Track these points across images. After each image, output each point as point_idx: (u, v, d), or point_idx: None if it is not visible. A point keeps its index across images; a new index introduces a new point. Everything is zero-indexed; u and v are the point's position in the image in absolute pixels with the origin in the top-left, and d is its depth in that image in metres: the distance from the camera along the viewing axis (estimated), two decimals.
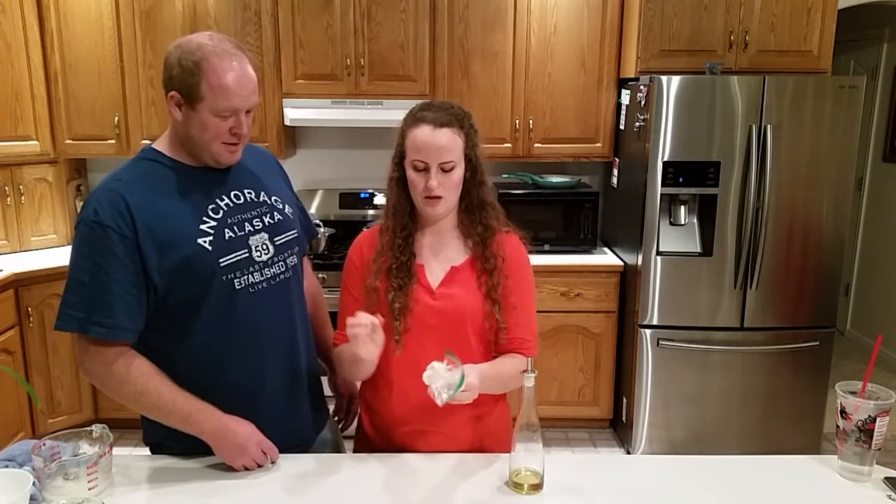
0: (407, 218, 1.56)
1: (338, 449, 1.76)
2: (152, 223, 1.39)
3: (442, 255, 1.58)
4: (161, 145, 1.50)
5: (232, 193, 1.51)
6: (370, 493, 1.41)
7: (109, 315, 1.36)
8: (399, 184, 1.55)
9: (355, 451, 1.72)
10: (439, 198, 1.50)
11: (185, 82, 1.38)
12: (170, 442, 1.52)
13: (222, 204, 1.48)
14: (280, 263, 1.54)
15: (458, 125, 1.50)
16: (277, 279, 1.53)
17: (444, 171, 1.48)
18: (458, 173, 1.51)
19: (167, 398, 1.41)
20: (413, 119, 1.51)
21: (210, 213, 1.46)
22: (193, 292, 1.43)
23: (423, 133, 1.47)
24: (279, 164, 1.73)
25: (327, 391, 1.79)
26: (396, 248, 1.55)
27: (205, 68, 1.37)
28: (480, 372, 1.40)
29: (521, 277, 1.58)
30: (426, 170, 1.48)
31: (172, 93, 1.41)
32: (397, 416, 1.57)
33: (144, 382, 1.40)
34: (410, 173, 1.51)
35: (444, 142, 1.47)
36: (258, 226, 1.51)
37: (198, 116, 1.40)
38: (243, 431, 1.46)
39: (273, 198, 1.58)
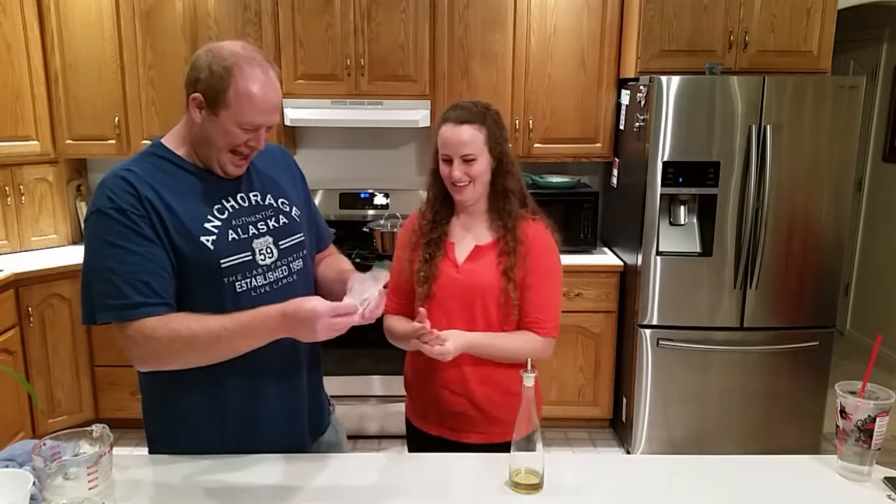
0: (440, 204, 1.80)
1: (340, 449, 1.76)
2: (161, 213, 1.39)
3: (471, 235, 1.79)
4: (171, 142, 1.49)
5: (238, 196, 1.51)
6: (370, 492, 1.41)
7: (149, 294, 1.35)
8: (435, 174, 1.79)
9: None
10: (464, 185, 1.71)
11: (213, 87, 1.38)
12: (170, 434, 1.53)
13: (228, 205, 1.48)
14: (283, 267, 1.53)
15: (478, 121, 1.70)
16: (280, 283, 1.52)
17: (466, 161, 1.69)
18: (481, 164, 1.71)
19: (216, 330, 1.34)
20: (441, 119, 1.73)
21: (215, 213, 1.46)
22: (194, 290, 1.42)
23: (447, 130, 1.70)
24: (291, 162, 1.71)
25: (331, 389, 1.80)
26: (429, 229, 1.79)
27: (235, 74, 1.37)
28: (468, 337, 1.66)
29: (541, 261, 1.75)
30: (451, 161, 1.70)
31: (196, 94, 1.40)
32: (425, 371, 1.78)
33: (188, 326, 1.34)
34: (441, 166, 1.74)
35: (463, 137, 1.68)
36: (263, 229, 1.51)
37: (218, 122, 1.40)
38: (301, 322, 1.32)
39: (280, 200, 1.57)
